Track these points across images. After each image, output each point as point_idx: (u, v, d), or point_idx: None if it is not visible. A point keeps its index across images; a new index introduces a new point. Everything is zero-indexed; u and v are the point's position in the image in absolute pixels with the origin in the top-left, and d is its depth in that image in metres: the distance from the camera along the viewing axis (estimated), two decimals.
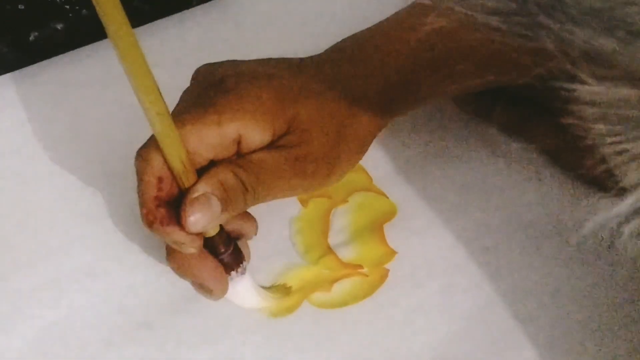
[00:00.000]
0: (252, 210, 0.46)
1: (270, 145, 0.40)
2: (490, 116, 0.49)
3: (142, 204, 0.38)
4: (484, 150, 0.49)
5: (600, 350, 0.43)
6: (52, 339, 0.43)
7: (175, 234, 0.38)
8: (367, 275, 0.45)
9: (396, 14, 0.45)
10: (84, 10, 0.52)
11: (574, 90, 0.23)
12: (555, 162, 0.48)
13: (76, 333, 0.43)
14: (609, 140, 0.23)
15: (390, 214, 0.47)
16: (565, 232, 0.47)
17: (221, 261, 0.41)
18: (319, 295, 0.45)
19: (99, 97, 0.50)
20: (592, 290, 0.45)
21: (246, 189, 0.38)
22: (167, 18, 0.53)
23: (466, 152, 0.49)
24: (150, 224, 0.38)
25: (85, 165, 0.48)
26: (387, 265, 0.45)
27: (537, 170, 0.49)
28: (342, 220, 0.47)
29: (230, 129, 0.38)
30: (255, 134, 0.39)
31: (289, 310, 0.44)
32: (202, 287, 0.41)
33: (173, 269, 0.41)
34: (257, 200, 0.39)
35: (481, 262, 0.46)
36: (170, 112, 0.37)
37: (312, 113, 0.40)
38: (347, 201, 0.48)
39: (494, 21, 0.23)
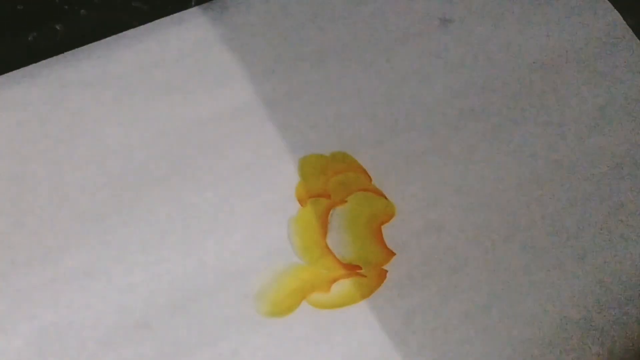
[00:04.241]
0: (250, 210, 0.46)
1: None
2: None
3: None
4: (483, 150, 0.49)
5: (600, 349, 0.43)
6: (51, 338, 0.43)
7: None
8: (365, 276, 0.45)
9: None
10: (83, 11, 0.52)
11: None
12: None
13: (75, 333, 0.43)
14: None
15: (388, 214, 0.47)
16: (564, 232, 0.47)
17: None
18: (317, 296, 0.45)
19: (99, 97, 0.50)
20: (591, 290, 0.45)
21: None
22: (166, 18, 0.53)
23: (465, 152, 0.49)
24: None
25: (85, 165, 0.48)
26: (385, 266, 0.45)
27: (536, 170, 0.49)
28: (341, 221, 0.47)
29: None
30: None
31: (288, 310, 0.44)
32: None
33: None
34: None
35: (480, 262, 0.46)
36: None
37: None
38: (346, 201, 0.48)
39: None
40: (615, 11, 0.56)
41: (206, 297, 0.44)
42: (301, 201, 0.47)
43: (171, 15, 0.53)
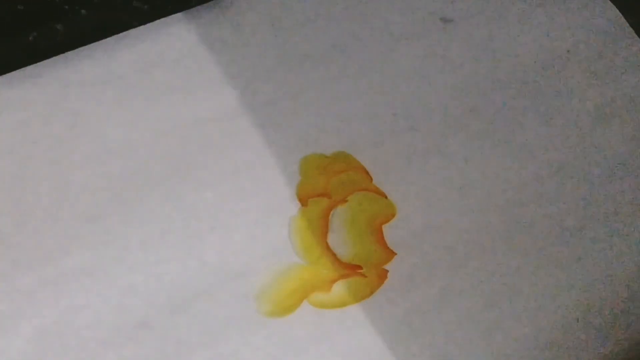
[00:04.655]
0: (250, 209, 0.46)
1: None
2: None
3: None
4: (484, 149, 0.49)
5: (600, 349, 0.43)
6: (51, 338, 0.43)
7: None
8: (366, 276, 0.45)
9: None
10: (83, 11, 0.52)
11: None
12: None
13: (75, 333, 0.43)
14: None
15: (389, 214, 0.47)
16: (564, 232, 0.47)
17: None
18: (318, 296, 0.45)
19: (99, 97, 0.50)
20: (591, 290, 0.45)
21: None
22: (166, 18, 0.53)
23: (466, 151, 0.49)
24: None
25: (85, 165, 0.48)
26: (386, 266, 0.45)
27: (536, 170, 0.49)
28: (342, 220, 0.47)
29: None
30: None
31: (289, 310, 0.44)
32: None
33: None
34: None
35: (480, 262, 0.46)
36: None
37: None
38: (347, 201, 0.48)
39: None
40: (616, 10, 0.56)
41: (206, 297, 0.44)
42: (302, 201, 0.47)
43: (171, 15, 0.53)
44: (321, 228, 0.47)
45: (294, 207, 0.47)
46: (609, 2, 0.56)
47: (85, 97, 0.50)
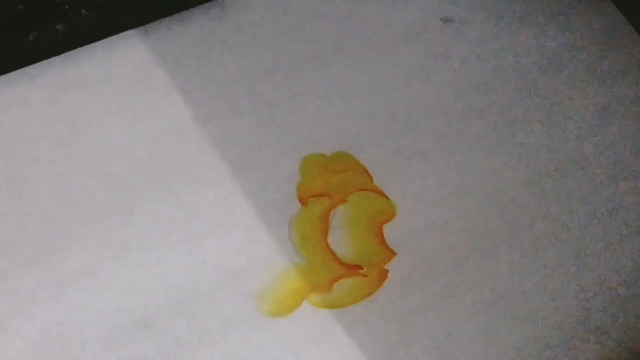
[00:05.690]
0: (250, 209, 0.46)
1: None
2: None
3: None
4: (484, 149, 0.49)
5: (600, 349, 0.43)
6: (51, 338, 0.43)
7: None
8: (367, 276, 0.45)
9: None
10: (83, 11, 0.52)
11: None
12: None
13: (75, 333, 0.43)
14: None
15: (389, 214, 0.47)
16: (564, 232, 0.47)
17: None
18: (318, 295, 0.45)
19: (99, 97, 0.50)
20: (591, 290, 0.45)
21: None
22: (167, 18, 0.53)
23: (466, 151, 0.49)
24: None
25: (85, 165, 0.48)
26: (386, 266, 0.45)
27: (536, 170, 0.49)
28: (342, 220, 0.47)
29: None
30: None
31: (289, 310, 0.44)
32: None
33: None
34: None
35: (480, 262, 0.46)
36: None
37: None
38: (347, 201, 0.48)
39: None
40: (617, 10, 0.56)
41: (206, 297, 0.44)
42: (302, 201, 0.47)
43: (172, 15, 0.53)
44: (321, 228, 0.47)
45: (294, 207, 0.47)
46: (610, 2, 0.56)
47: (85, 97, 0.50)
